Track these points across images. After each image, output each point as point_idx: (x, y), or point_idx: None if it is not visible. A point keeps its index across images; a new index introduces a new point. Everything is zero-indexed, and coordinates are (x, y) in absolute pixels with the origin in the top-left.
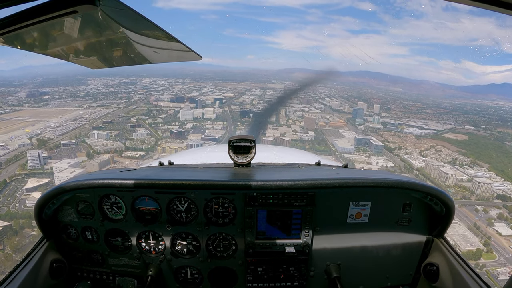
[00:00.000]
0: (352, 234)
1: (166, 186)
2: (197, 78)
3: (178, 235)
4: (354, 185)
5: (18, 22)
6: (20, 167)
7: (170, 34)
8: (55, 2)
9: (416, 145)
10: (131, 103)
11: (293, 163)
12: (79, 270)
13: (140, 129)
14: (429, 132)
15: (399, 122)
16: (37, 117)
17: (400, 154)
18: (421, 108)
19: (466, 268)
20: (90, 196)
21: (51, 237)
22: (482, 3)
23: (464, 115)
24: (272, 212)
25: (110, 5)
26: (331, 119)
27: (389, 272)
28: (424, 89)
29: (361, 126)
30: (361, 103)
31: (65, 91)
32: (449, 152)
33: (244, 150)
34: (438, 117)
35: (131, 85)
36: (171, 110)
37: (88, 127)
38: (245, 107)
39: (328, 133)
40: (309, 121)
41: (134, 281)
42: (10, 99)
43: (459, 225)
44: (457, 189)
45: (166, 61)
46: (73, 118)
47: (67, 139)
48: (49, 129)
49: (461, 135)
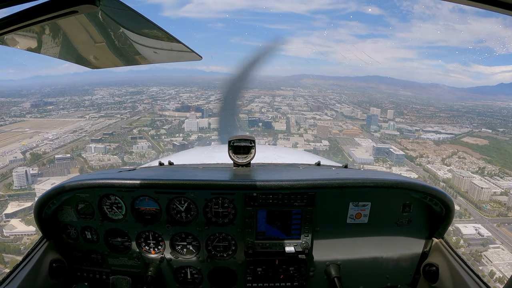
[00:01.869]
0: (352, 234)
1: (166, 186)
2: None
3: (178, 235)
4: (354, 185)
5: (18, 22)
6: (5, 187)
7: (170, 34)
8: (55, 2)
9: (436, 152)
10: (135, 113)
11: (293, 163)
12: (79, 270)
13: (142, 141)
14: (447, 137)
15: (416, 128)
16: (37, 128)
17: (422, 163)
18: (435, 112)
19: (466, 269)
20: (90, 196)
21: (51, 237)
22: (482, 3)
23: (478, 117)
24: (272, 212)
25: (110, 5)
26: (345, 126)
27: (389, 272)
28: (434, 92)
29: (377, 133)
30: (374, 109)
31: (70, 101)
32: (474, 159)
33: (244, 150)
34: (453, 120)
35: (137, 94)
36: (176, 120)
37: (87, 139)
38: (254, 115)
39: (343, 141)
40: (322, 129)
41: (127, 279)
42: (14, 110)
43: (503, 250)
44: (493, 205)
45: (167, 61)
46: (73, 130)
47: (63, 152)
48: (46, 141)
49: (480, 139)
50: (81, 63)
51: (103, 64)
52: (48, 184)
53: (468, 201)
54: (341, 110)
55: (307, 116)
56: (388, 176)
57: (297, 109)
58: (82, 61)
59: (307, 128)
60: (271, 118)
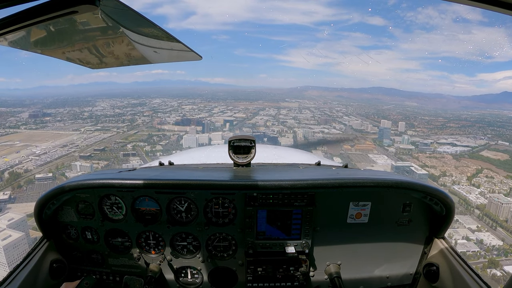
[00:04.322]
0: (352, 234)
1: (166, 186)
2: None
3: (178, 235)
4: (354, 185)
5: (18, 22)
6: None
7: (170, 34)
8: (55, 2)
9: (459, 169)
10: (133, 127)
11: (293, 163)
12: (79, 270)
13: (135, 158)
14: (464, 150)
15: (430, 141)
16: (28, 141)
17: (447, 183)
18: (444, 122)
19: (466, 268)
20: (90, 196)
21: (51, 237)
22: (482, 3)
23: (489, 127)
24: (272, 212)
25: (110, 5)
26: (356, 140)
27: (389, 272)
28: (440, 102)
29: (391, 148)
30: (385, 121)
31: (69, 112)
32: (501, 178)
33: (244, 150)
34: (464, 131)
35: (139, 106)
36: (175, 135)
37: (76, 155)
38: (258, 129)
39: (356, 158)
40: (333, 145)
41: (141, 280)
42: (10, 120)
43: None
44: None
45: (167, 61)
46: (63, 144)
47: (46, 171)
48: (32, 157)
49: (500, 153)
50: (81, 63)
51: (103, 64)
52: (5, 220)
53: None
54: (349, 123)
55: (315, 130)
56: (388, 176)
57: (303, 122)
58: (82, 61)
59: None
60: (277, 132)
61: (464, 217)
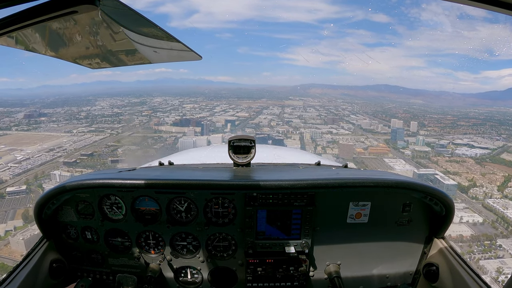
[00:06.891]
0: (352, 234)
1: (166, 186)
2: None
3: (178, 235)
4: (354, 185)
5: (18, 22)
6: None
7: (170, 34)
8: (55, 2)
9: (486, 176)
10: (129, 128)
11: (293, 163)
12: (79, 270)
13: (123, 165)
14: (483, 153)
15: (446, 141)
16: (15, 144)
17: (478, 195)
18: (454, 120)
19: (466, 268)
20: (90, 196)
21: (51, 237)
22: (482, 3)
23: (501, 126)
24: (272, 212)
25: (110, 5)
26: (367, 142)
27: (389, 272)
28: (445, 100)
29: (407, 150)
30: (395, 121)
31: (66, 112)
32: None
33: (244, 150)
34: (477, 130)
35: (138, 105)
36: (172, 137)
37: (61, 160)
38: (262, 130)
39: (371, 163)
40: (345, 149)
41: (134, 277)
42: (4, 121)
43: None
44: None
45: (167, 60)
46: (50, 147)
47: (23, 181)
48: (12, 164)
49: None
50: (81, 63)
51: (103, 64)
52: None
53: None
54: (357, 122)
55: (322, 130)
56: (388, 175)
57: (309, 122)
58: (81, 61)
59: (325, 146)
60: (282, 133)
61: (507, 241)
